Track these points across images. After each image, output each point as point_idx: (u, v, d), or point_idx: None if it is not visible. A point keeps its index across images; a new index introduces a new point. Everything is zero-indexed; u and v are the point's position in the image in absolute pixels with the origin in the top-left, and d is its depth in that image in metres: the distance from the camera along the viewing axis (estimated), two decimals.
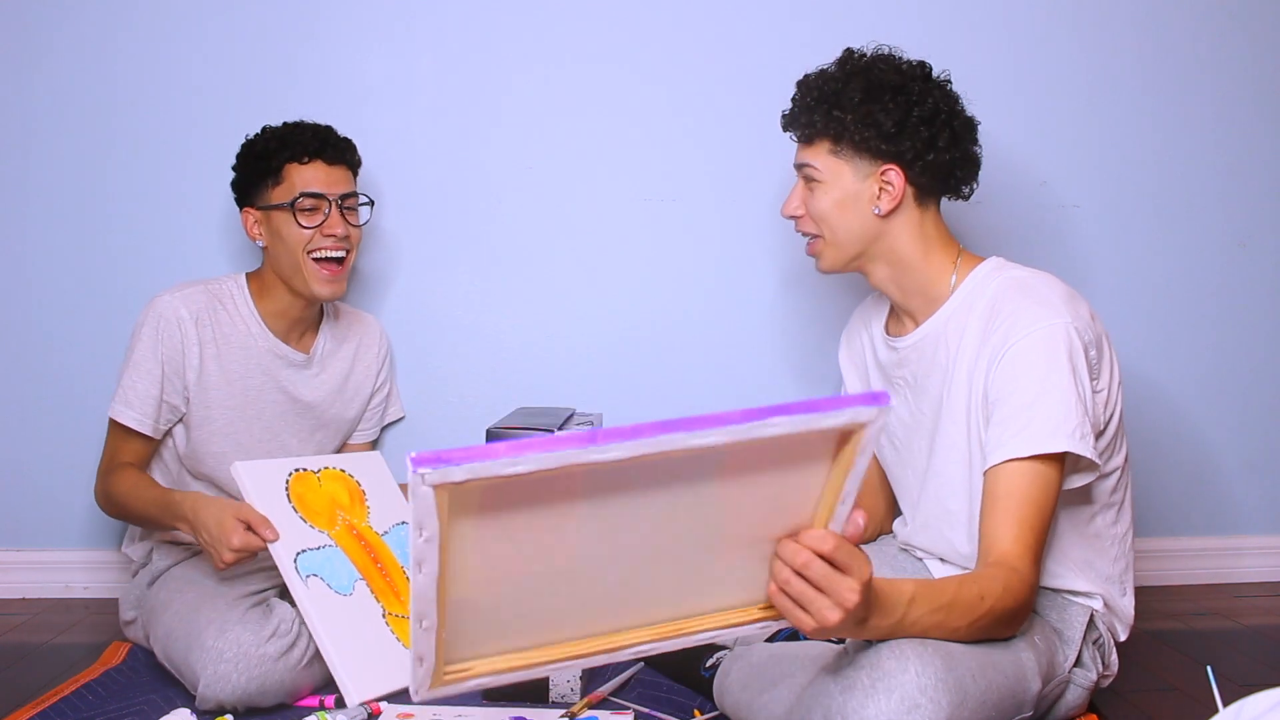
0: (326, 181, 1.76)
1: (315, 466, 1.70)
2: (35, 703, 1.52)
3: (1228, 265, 2.21)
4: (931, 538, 1.54)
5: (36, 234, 2.07)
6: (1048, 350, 1.34)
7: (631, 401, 2.11)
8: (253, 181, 1.79)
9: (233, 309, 1.80)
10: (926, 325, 1.51)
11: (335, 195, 1.76)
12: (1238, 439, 2.23)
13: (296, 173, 1.75)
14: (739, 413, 0.87)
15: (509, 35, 2.10)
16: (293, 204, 1.74)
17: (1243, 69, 2.18)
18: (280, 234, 1.75)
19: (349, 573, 1.61)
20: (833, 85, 1.49)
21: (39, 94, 2.05)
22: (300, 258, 1.75)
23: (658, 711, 1.48)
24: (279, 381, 1.82)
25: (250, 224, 1.79)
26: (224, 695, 1.45)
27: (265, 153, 1.76)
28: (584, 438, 0.84)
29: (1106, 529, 1.48)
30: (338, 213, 1.76)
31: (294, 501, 1.62)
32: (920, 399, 1.52)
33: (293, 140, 1.76)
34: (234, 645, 1.46)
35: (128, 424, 1.73)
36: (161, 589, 1.67)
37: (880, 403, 0.90)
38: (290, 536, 1.57)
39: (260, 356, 1.80)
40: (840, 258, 1.53)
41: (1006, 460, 1.32)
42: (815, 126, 1.49)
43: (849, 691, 1.12)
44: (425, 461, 0.81)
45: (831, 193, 1.50)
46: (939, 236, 1.52)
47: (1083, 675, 1.43)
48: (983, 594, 1.22)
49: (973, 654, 1.21)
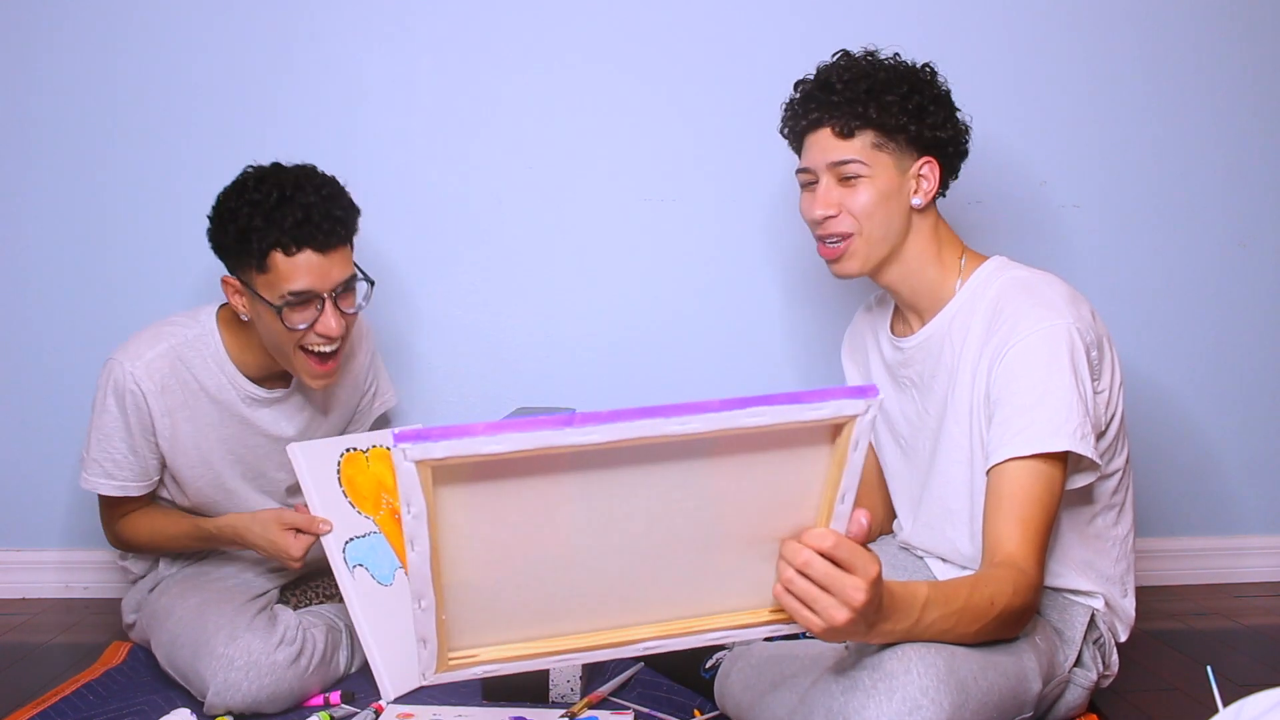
0: (319, 275, 1.52)
1: (365, 445, 1.66)
2: (35, 703, 1.52)
3: (1228, 265, 2.21)
4: (933, 537, 1.54)
5: (34, 233, 2.07)
6: (1049, 350, 1.34)
7: (631, 401, 2.10)
8: (231, 253, 1.56)
9: (199, 362, 1.63)
10: (931, 325, 1.51)
11: (328, 289, 1.54)
12: (1237, 439, 2.23)
13: (284, 264, 1.50)
14: (721, 401, 0.88)
15: (508, 35, 2.10)
16: (279, 305, 1.52)
17: (1243, 69, 2.18)
18: (266, 322, 1.56)
19: (390, 561, 1.61)
20: (882, 75, 1.47)
21: (37, 93, 2.05)
22: (289, 350, 1.57)
23: (658, 711, 1.48)
24: (257, 425, 1.68)
25: (232, 294, 1.59)
26: (234, 703, 1.45)
27: (245, 231, 1.51)
28: (563, 420, 0.86)
29: (1107, 530, 1.48)
30: (332, 308, 1.54)
31: (344, 485, 1.60)
32: (926, 398, 1.52)
33: (278, 221, 1.49)
34: (245, 653, 1.46)
35: (113, 494, 1.65)
36: (163, 594, 1.66)
37: (868, 395, 0.90)
38: (340, 524, 1.57)
39: (233, 405, 1.66)
40: (872, 257, 1.49)
41: (1009, 459, 1.32)
42: (867, 118, 1.45)
43: (850, 692, 1.12)
44: (407, 437, 0.84)
45: (877, 185, 1.46)
46: (947, 235, 1.53)
47: (1083, 675, 1.43)
48: (993, 598, 1.22)
49: (974, 654, 1.21)
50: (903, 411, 1.58)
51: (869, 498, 1.67)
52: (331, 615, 1.66)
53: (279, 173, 1.56)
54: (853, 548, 1.00)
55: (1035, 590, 1.28)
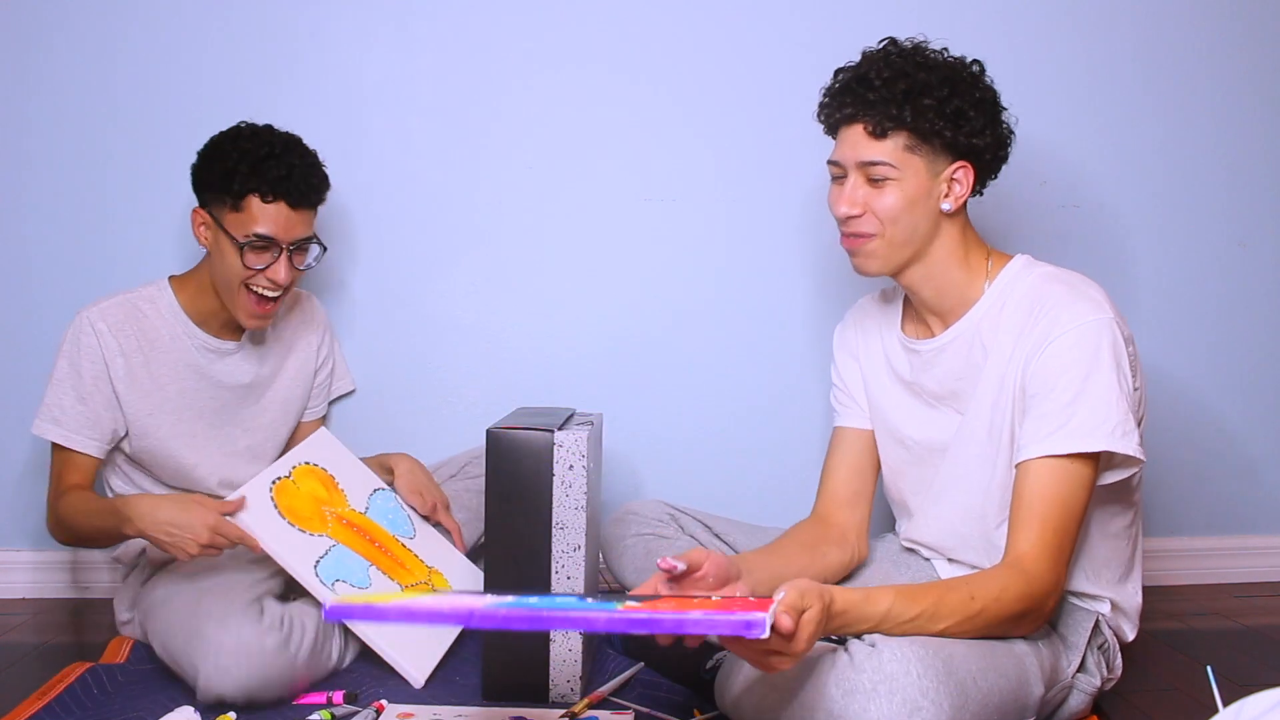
0: (285, 226, 1.68)
1: (285, 470, 1.69)
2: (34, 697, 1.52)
3: (1228, 265, 2.21)
4: (942, 534, 1.54)
5: (33, 233, 2.07)
6: (1093, 346, 1.33)
7: (631, 401, 2.11)
8: (211, 188, 1.70)
9: (154, 313, 1.76)
10: (959, 325, 1.48)
11: (288, 241, 1.69)
12: (1237, 439, 2.23)
13: (256, 208, 1.67)
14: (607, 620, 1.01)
15: (509, 35, 2.10)
16: (243, 243, 1.67)
17: (1243, 69, 2.18)
18: (224, 255, 1.69)
19: (360, 565, 1.65)
20: (922, 75, 1.41)
21: (36, 93, 2.05)
22: (235, 286, 1.70)
23: (658, 711, 1.48)
24: (212, 375, 1.79)
25: (198, 224, 1.73)
26: (225, 688, 1.46)
27: (231, 171, 1.67)
28: (463, 615, 1.02)
29: (1125, 529, 1.48)
30: (285, 259, 1.70)
31: (285, 515, 1.64)
32: (945, 400, 1.50)
33: (263, 171, 1.66)
34: (235, 637, 1.47)
35: (57, 440, 1.70)
36: (158, 585, 1.67)
37: (753, 632, 0.98)
38: (300, 551, 1.60)
39: (188, 354, 1.77)
40: (894, 259, 1.47)
41: (1041, 456, 1.31)
42: (902, 120, 1.40)
43: (851, 695, 1.13)
44: (333, 614, 1.06)
45: (905, 189, 1.42)
46: (974, 237, 1.51)
47: (1086, 681, 1.43)
48: (973, 594, 1.23)
49: (975, 656, 1.21)
50: (913, 416, 1.56)
51: (846, 512, 1.63)
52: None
53: (270, 131, 1.73)
54: (780, 639, 1.06)
55: (1042, 592, 1.28)
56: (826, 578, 1.54)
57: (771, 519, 1.89)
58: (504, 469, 1.51)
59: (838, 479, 1.64)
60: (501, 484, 1.51)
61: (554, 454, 1.51)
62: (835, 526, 1.61)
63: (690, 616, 1.01)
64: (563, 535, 1.51)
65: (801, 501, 2.13)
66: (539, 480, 1.51)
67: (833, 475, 1.65)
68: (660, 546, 1.70)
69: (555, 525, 1.51)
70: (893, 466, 1.63)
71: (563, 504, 1.51)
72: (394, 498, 1.81)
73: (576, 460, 1.51)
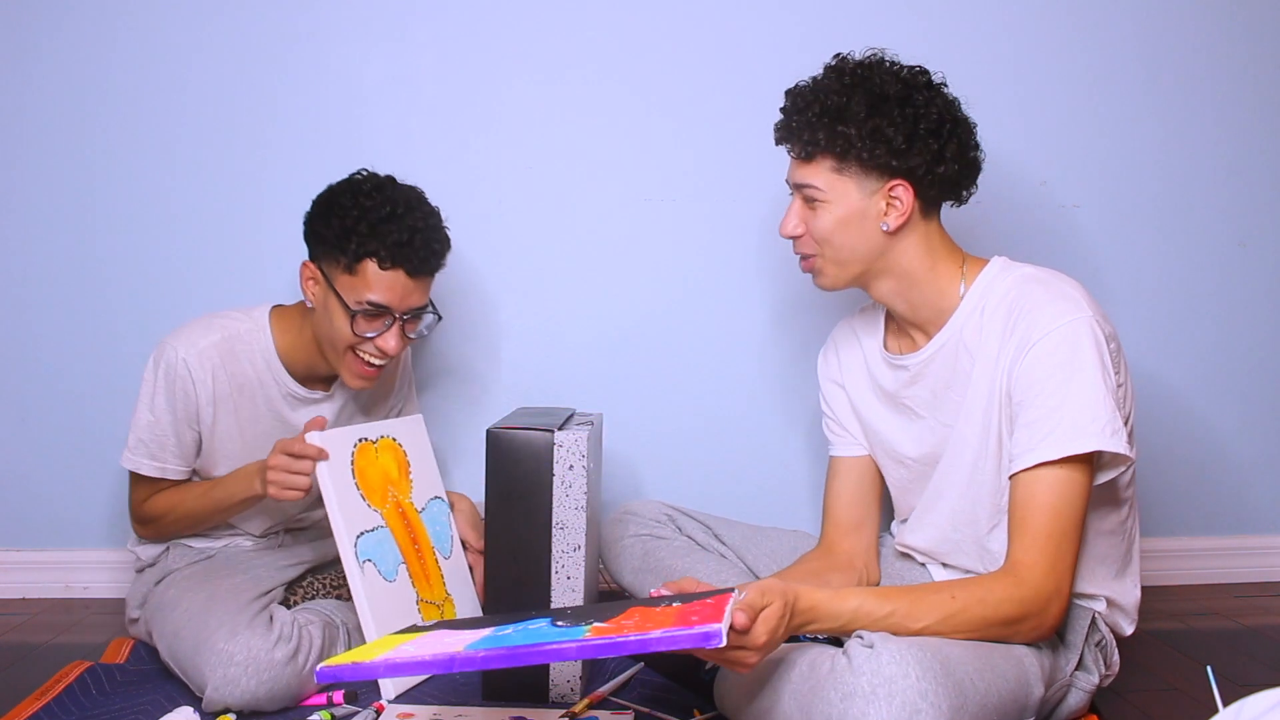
0: (401, 295, 1.61)
1: (374, 435, 1.66)
2: (34, 696, 1.52)
3: (1228, 265, 2.21)
4: (933, 536, 1.54)
5: (33, 233, 2.07)
6: (1073, 347, 1.33)
7: (631, 401, 2.11)
8: (325, 243, 1.62)
9: (250, 357, 1.70)
10: (941, 336, 1.48)
11: (402, 310, 1.63)
12: (1237, 439, 2.23)
13: (373, 274, 1.59)
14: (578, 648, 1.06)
15: (509, 36, 2.10)
16: (355, 310, 1.60)
17: (1243, 69, 2.18)
18: (332, 317, 1.62)
19: (394, 557, 1.63)
20: (835, 99, 1.41)
21: (35, 92, 2.04)
22: (341, 349, 1.64)
23: (658, 711, 1.48)
24: (292, 423, 1.74)
25: (307, 279, 1.65)
26: (232, 699, 1.45)
27: (349, 231, 1.59)
28: (444, 662, 1.07)
29: (1119, 525, 1.48)
30: (398, 329, 1.63)
31: (356, 476, 1.61)
32: (941, 411, 1.50)
33: (383, 234, 1.58)
34: (244, 649, 1.46)
35: (152, 474, 1.69)
36: (170, 587, 1.66)
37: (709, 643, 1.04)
38: (353, 516, 1.58)
39: (274, 401, 1.73)
40: (843, 275, 1.49)
41: (1035, 465, 1.31)
42: (818, 143, 1.42)
43: (849, 699, 1.12)
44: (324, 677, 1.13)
45: (835, 211, 1.44)
46: (944, 246, 1.49)
47: (1085, 679, 1.43)
48: (954, 594, 1.25)
49: (974, 659, 1.21)
50: (907, 433, 1.56)
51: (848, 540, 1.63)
52: (328, 611, 1.66)
53: (394, 187, 1.65)
54: (735, 639, 1.11)
55: (1034, 599, 1.28)
56: None
57: (770, 519, 1.90)
58: (504, 469, 1.51)
59: (839, 507, 1.65)
60: (501, 484, 1.51)
61: (554, 454, 1.51)
62: (842, 554, 1.62)
63: (652, 636, 1.04)
64: (563, 535, 1.51)
65: (800, 502, 2.15)
66: (539, 480, 1.51)
67: (834, 505, 1.66)
68: (658, 547, 1.70)
69: (555, 525, 1.51)
70: (897, 485, 1.63)
71: (563, 504, 1.51)
72: (448, 512, 1.80)
73: (576, 460, 1.51)
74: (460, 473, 2.09)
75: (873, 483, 1.65)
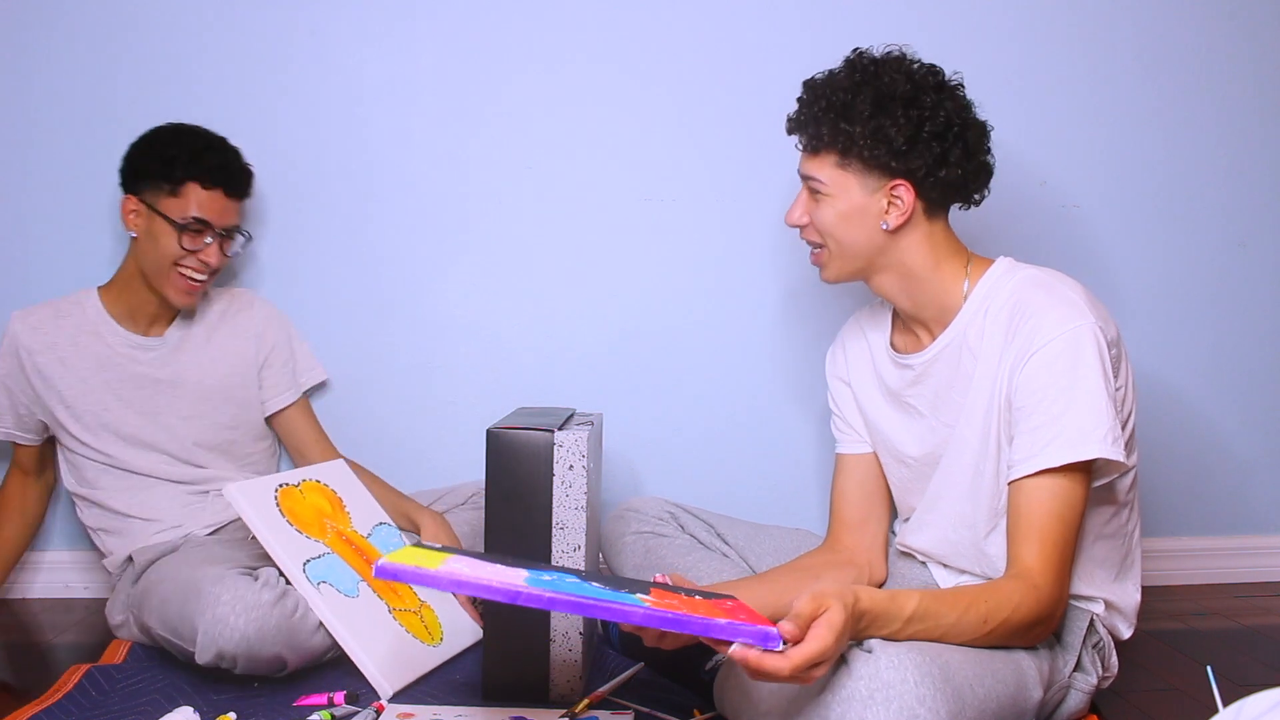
0: (220, 213, 1.81)
1: (295, 480, 1.73)
2: (36, 702, 1.52)
3: (1228, 265, 2.21)
4: (932, 538, 1.54)
5: (34, 232, 2.07)
6: (1076, 354, 1.33)
7: (631, 401, 2.11)
8: (146, 176, 1.80)
9: (79, 314, 1.85)
10: (945, 335, 1.48)
11: (221, 226, 1.82)
12: (1237, 439, 2.24)
13: (195, 194, 1.79)
14: (644, 615, 1.05)
15: (509, 35, 2.10)
16: (181, 225, 1.78)
17: (1243, 69, 2.19)
18: (156, 239, 1.79)
19: (351, 576, 1.65)
20: (841, 95, 1.42)
21: (35, 92, 2.04)
22: (166, 268, 1.80)
23: (658, 711, 1.48)
24: (136, 368, 1.86)
25: (129, 211, 1.82)
26: (224, 640, 1.47)
27: (171, 158, 1.79)
28: (510, 594, 1.04)
29: (1119, 529, 1.48)
30: (218, 245, 1.82)
31: (287, 515, 1.65)
32: (944, 411, 1.50)
33: (204, 160, 1.80)
34: (231, 590, 1.49)
35: None
36: (151, 573, 1.70)
37: (769, 644, 1.04)
38: (294, 548, 1.61)
39: (111, 354, 1.85)
40: (846, 269, 1.50)
41: (1037, 473, 1.31)
42: (822, 138, 1.44)
43: (847, 702, 1.12)
44: (383, 573, 1.07)
45: (837, 205, 1.45)
46: (948, 245, 1.48)
47: (1083, 680, 1.43)
48: (988, 616, 1.23)
49: (972, 662, 1.21)
50: (909, 432, 1.56)
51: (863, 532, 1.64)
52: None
53: (203, 129, 1.87)
54: (805, 657, 1.05)
55: (1051, 603, 1.29)
56: None
57: (771, 518, 1.90)
58: (504, 469, 1.51)
59: (845, 505, 1.66)
60: (501, 484, 1.51)
61: (554, 454, 1.51)
62: (844, 550, 1.62)
63: (718, 622, 1.05)
64: (563, 535, 1.51)
65: (801, 501, 2.15)
66: (539, 480, 1.51)
67: (840, 501, 1.67)
68: (659, 545, 1.70)
69: (555, 525, 1.51)
70: (898, 484, 1.63)
71: (563, 504, 1.51)
72: (398, 534, 1.82)
73: (576, 460, 1.51)
74: (460, 473, 2.09)
75: (878, 480, 1.66)
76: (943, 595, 1.24)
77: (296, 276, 2.09)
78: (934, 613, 1.20)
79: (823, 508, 2.08)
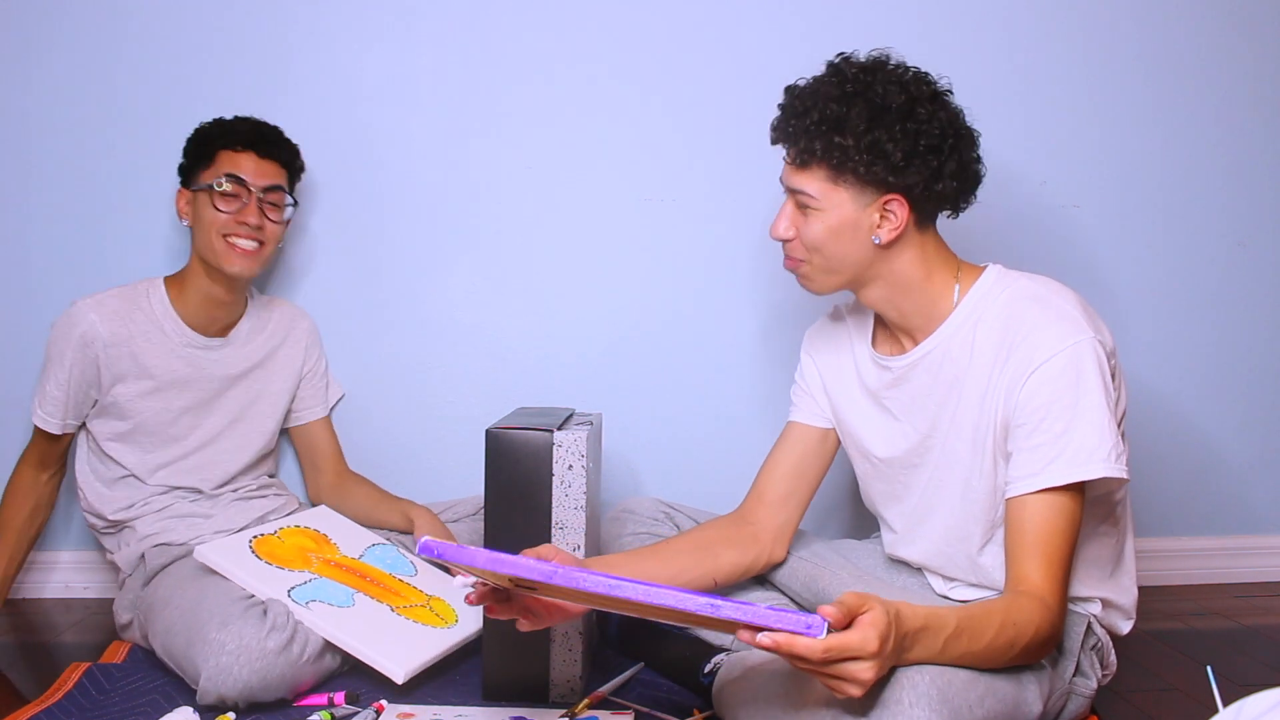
0: (253, 171, 1.81)
1: (272, 529, 1.75)
2: (37, 701, 1.52)
3: (1228, 265, 2.21)
4: (925, 551, 1.52)
5: (35, 233, 2.07)
6: (1078, 371, 1.31)
7: (631, 401, 2.11)
8: (190, 164, 1.85)
9: (147, 307, 1.84)
10: (929, 341, 1.45)
11: (258, 186, 1.81)
12: (1237, 439, 2.24)
13: (227, 157, 1.81)
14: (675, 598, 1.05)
15: (509, 36, 2.10)
16: (213, 186, 1.79)
17: (1243, 69, 2.19)
18: (200, 215, 1.81)
19: (343, 591, 1.65)
20: (834, 107, 1.35)
21: (35, 91, 2.04)
22: (214, 237, 1.79)
23: (658, 711, 1.48)
24: (198, 365, 1.86)
25: (181, 204, 1.84)
26: (226, 688, 1.46)
27: (205, 138, 1.84)
28: (548, 571, 1.07)
29: (1111, 527, 1.47)
30: (255, 204, 1.80)
31: (265, 559, 1.67)
32: (917, 416, 1.48)
33: (232, 129, 1.84)
34: (236, 638, 1.47)
35: (41, 427, 1.84)
36: (160, 585, 1.67)
37: (812, 632, 1.03)
38: (272, 580, 1.61)
39: (177, 348, 1.84)
40: (830, 282, 1.45)
41: (1039, 490, 1.30)
42: (814, 152, 1.37)
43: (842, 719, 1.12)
44: (427, 549, 1.13)
45: (828, 220, 1.39)
46: (939, 255, 1.45)
47: (1083, 684, 1.42)
48: (1014, 640, 1.22)
49: (972, 682, 1.19)
50: (879, 433, 1.53)
51: (778, 511, 1.60)
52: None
53: (239, 116, 1.90)
54: (843, 642, 1.03)
55: (1059, 622, 1.28)
56: (715, 579, 1.51)
57: None
58: (504, 469, 1.51)
59: (773, 476, 1.61)
60: (501, 484, 1.51)
61: (553, 454, 1.51)
62: (749, 525, 1.58)
63: (760, 609, 1.04)
64: (562, 535, 1.51)
65: None
66: (539, 480, 1.51)
67: (769, 471, 1.61)
68: None
69: (555, 525, 1.51)
70: (861, 476, 1.61)
71: (562, 504, 1.51)
72: (394, 548, 1.83)
73: (576, 460, 1.51)
74: (460, 473, 2.09)
75: (816, 462, 1.61)
76: (975, 614, 1.21)
77: (296, 277, 2.09)
78: (972, 633, 1.18)
79: (819, 508, 2.08)
